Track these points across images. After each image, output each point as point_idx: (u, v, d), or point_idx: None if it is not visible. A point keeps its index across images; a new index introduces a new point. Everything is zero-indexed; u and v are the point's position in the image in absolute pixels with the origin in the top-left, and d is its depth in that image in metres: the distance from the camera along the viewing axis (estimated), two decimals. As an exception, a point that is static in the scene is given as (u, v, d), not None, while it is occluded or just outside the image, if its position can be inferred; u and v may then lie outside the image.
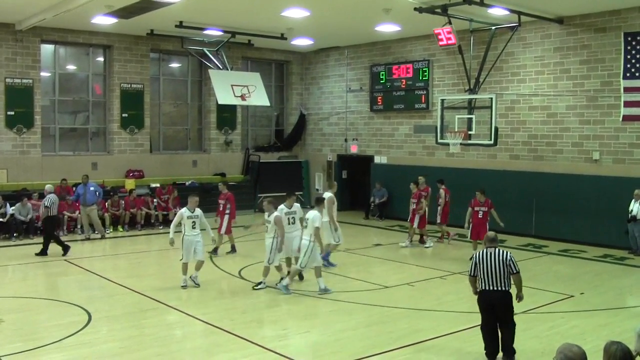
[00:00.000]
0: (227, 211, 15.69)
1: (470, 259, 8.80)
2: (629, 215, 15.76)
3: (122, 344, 9.02)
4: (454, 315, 10.69)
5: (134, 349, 8.86)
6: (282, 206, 12.62)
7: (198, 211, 12.59)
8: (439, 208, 17.32)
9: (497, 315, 8.19)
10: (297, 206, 12.89)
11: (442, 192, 17.30)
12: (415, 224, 16.63)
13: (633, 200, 15.75)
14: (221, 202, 15.88)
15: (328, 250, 14.08)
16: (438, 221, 17.42)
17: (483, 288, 8.22)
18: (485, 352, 8.31)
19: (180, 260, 12.37)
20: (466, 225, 15.01)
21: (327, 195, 14.12)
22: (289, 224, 12.41)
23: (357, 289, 12.36)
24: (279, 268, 12.26)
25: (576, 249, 16.62)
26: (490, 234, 8.71)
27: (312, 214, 11.91)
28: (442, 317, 10.49)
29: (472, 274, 8.39)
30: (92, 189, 18.19)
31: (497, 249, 8.28)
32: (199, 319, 10.13)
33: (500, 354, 8.30)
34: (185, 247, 12.32)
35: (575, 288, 12.39)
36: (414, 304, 11.30)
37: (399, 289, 12.46)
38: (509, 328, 8.23)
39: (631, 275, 14.08)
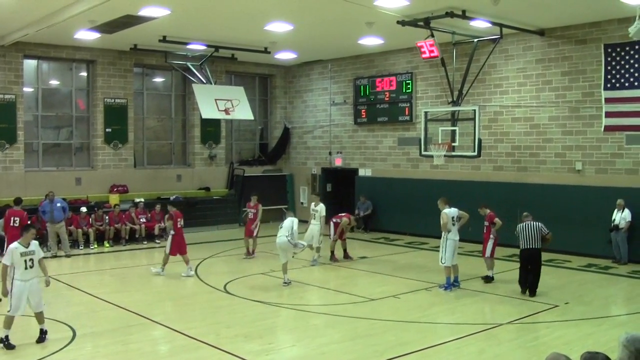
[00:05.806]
0: None
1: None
2: (612, 224, 15.91)
3: (106, 361, 8.94)
4: (439, 327, 10.71)
5: (119, 365, 8.78)
6: (16, 244, 9.47)
7: (34, 245, 9.62)
8: (256, 223, 17.34)
9: (529, 265, 12.58)
10: (35, 243, 9.65)
11: (260, 207, 17.56)
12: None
13: (616, 210, 15.90)
14: None
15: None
16: (255, 234, 17.30)
17: (524, 247, 12.54)
18: (519, 282, 12.84)
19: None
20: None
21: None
22: (25, 268, 9.35)
23: (342, 302, 12.33)
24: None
25: (561, 258, 16.68)
26: (525, 213, 12.97)
27: None
28: (428, 329, 10.50)
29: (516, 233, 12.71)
30: (58, 205, 17.63)
31: (532, 221, 12.59)
32: (184, 334, 10.04)
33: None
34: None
35: (560, 298, 12.45)
36: (400, 316, 11.28)
37: (385, 301, 12.44)
38: (536, 275, 12.56)
39: (615, 285, 14.19)
